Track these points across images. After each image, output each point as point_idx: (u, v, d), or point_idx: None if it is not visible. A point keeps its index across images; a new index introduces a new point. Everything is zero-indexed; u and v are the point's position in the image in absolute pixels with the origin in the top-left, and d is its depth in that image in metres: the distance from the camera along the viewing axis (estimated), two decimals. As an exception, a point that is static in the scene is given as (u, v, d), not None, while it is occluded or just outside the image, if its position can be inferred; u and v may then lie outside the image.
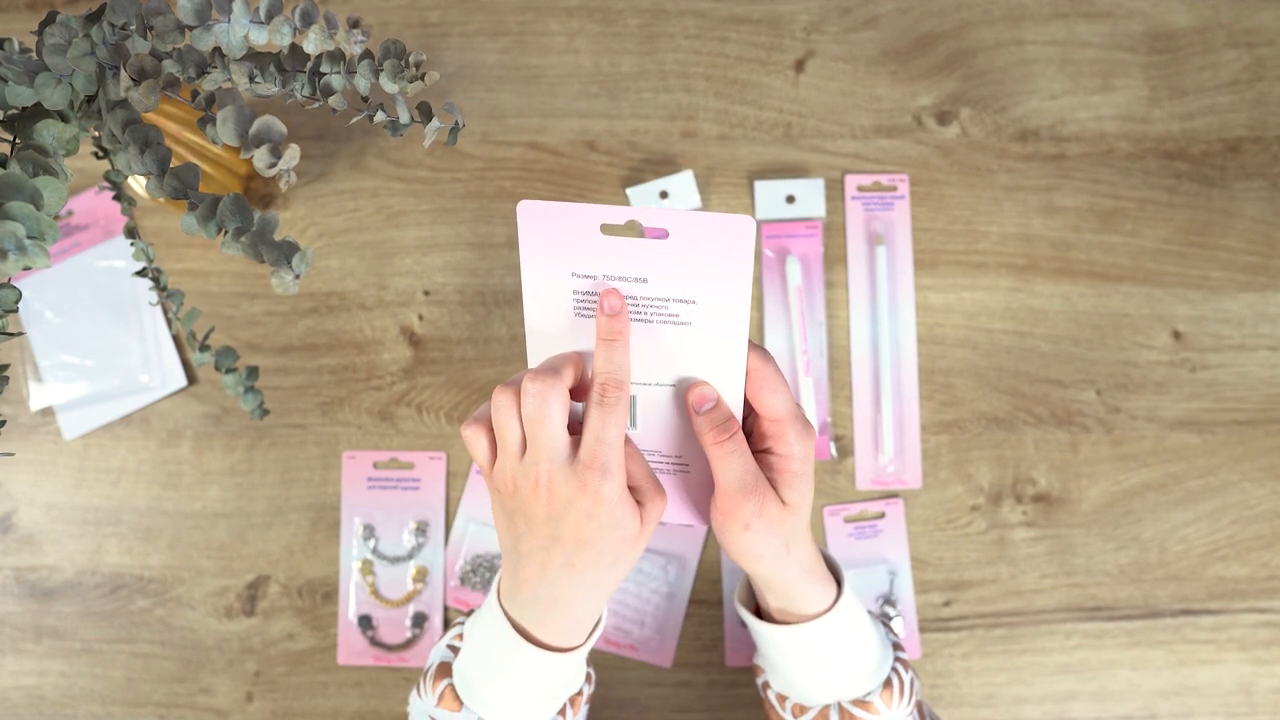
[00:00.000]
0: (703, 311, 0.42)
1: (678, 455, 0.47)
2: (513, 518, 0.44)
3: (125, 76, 0.39)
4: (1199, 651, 0.68)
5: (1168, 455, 0.70)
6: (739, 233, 0.40)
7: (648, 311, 0.42)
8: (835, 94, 0.74)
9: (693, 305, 0.42)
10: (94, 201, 0.73)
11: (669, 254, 0.41)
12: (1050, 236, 0.72)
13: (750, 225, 0.39)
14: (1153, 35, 0.74)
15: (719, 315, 0.42)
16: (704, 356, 0.43)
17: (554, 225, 0.41)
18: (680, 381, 0.44)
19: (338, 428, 0.71)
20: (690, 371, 0.44)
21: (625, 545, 0.43)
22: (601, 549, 0.43)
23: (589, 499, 0.41)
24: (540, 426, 0.41)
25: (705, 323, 0.42)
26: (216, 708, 0.69)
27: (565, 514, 0.42)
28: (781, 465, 0.44)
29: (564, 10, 0.75)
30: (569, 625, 0.46)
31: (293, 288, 0.39)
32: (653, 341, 0.43)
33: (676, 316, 0.42)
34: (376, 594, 0.69)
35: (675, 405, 0.45)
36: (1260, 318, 0.71)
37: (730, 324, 0.42)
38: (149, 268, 0.56)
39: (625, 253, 0.41)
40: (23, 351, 0.71)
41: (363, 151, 0.73)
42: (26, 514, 0.70)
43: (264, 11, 0.41)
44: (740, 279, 0.41)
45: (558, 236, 0.41)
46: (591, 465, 0.41)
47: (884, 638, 0.52)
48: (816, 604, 0.49)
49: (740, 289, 0.41)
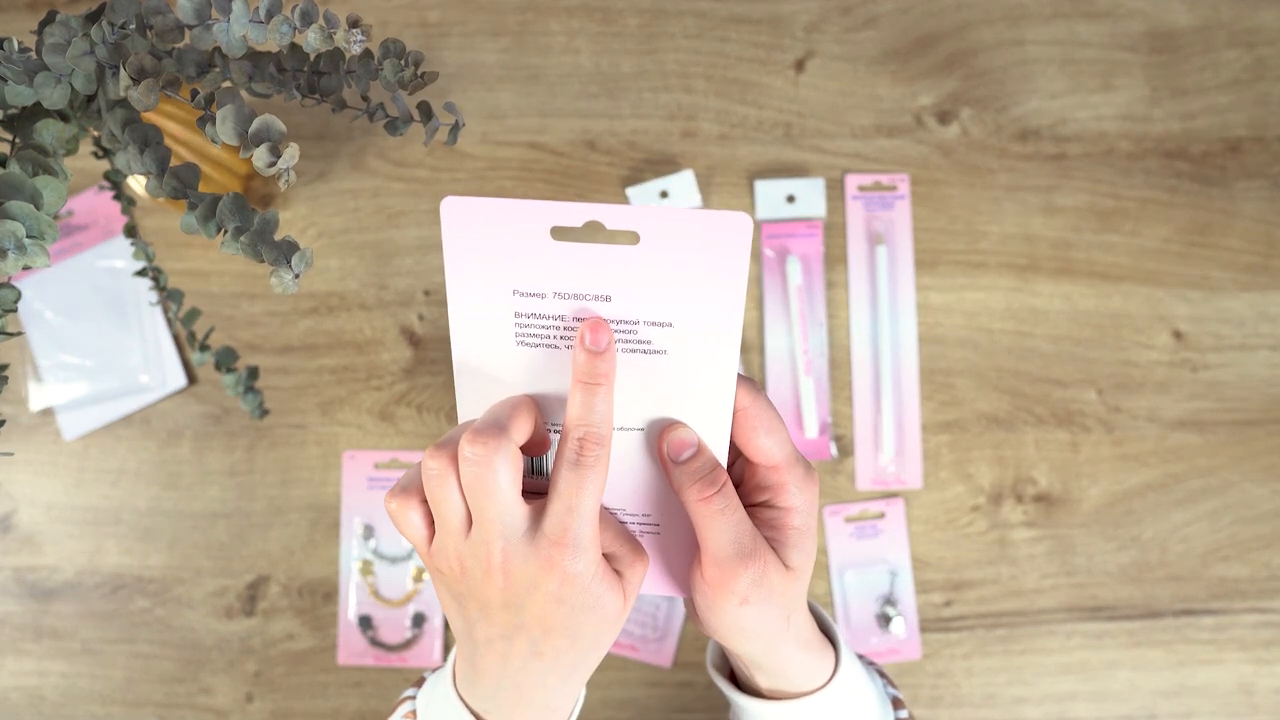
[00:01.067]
0: (682, 337, 0.33)
1: (646, 514, 0.38)
2: (463, 602, 0.36)
3: (125, 76, 0.39)
4: (1199, 651, 0.68)
5: (1168, 455, 0.70)
6: (732, 233, 0.31)
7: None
8: (835, 94, 0.74)
9: (669, 329, 0.33)
10: (94, 201, 0.73)
11: (641, 263, 0.32)
12: (1051, 236, 0.72)
13: (746, 224, 0.31)
14: (1153, 35, 0.74)
15: (704, 341, 0.33)
16: (683, 393, 0.35)
17: (490, 229, 0.32)
18: (653, 424, 0.36)
19: (338, 428, 0.71)
20: (666, 412, 0.35)
21: (605, 625, 0.36)
22: (576, 634, 0.36)
23: (556, 580, 0.34)
24: (487, 499, 0.33)
25: (685, 351, 0.34)
26: (216, 708, 0.69)
27: (528, 598, 0.34)
28: (782, 521, 0.37)
29: (564, 10, 0.75)
30: (544, 715, 0.39)
31: (292, 287, 0.39)
32: (618, 375, 0.34)
33: (649, 344, 0.34)
34: (376, 594, 0.69)
35: (647, 453, 0.36)
36: (1261, 317, 0.71)
37: (718, 352, 0.34)
38: (149, 268, 0.56)
39: (583, 263, 0.32)
40: (23, 351, 0.71)
41: (363, 151, 0.73)
42: (26, 514, 0.70)
43: (263, 11, 0.41)
44: (732, 294, 0.32)
45: (495, 243, 0.32)
46: (560, 541, 0.33)
47: (884, 695, 0.45)
48: (813, 679, 0.41)
49: (732, 306, 0.33)
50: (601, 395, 0.34)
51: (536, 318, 0.34)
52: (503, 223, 0.32)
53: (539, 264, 0.32)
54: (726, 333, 0.33)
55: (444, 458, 0.34)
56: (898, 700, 0.46)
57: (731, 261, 0.32)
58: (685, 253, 0.32)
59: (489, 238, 0.32)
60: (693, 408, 0.35)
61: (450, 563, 0.35)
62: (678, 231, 0.31)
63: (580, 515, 0.33)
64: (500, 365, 0.35)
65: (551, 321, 0.34)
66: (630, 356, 0.34)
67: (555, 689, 0.38)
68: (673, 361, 0.34)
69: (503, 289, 0.33)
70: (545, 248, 0.32)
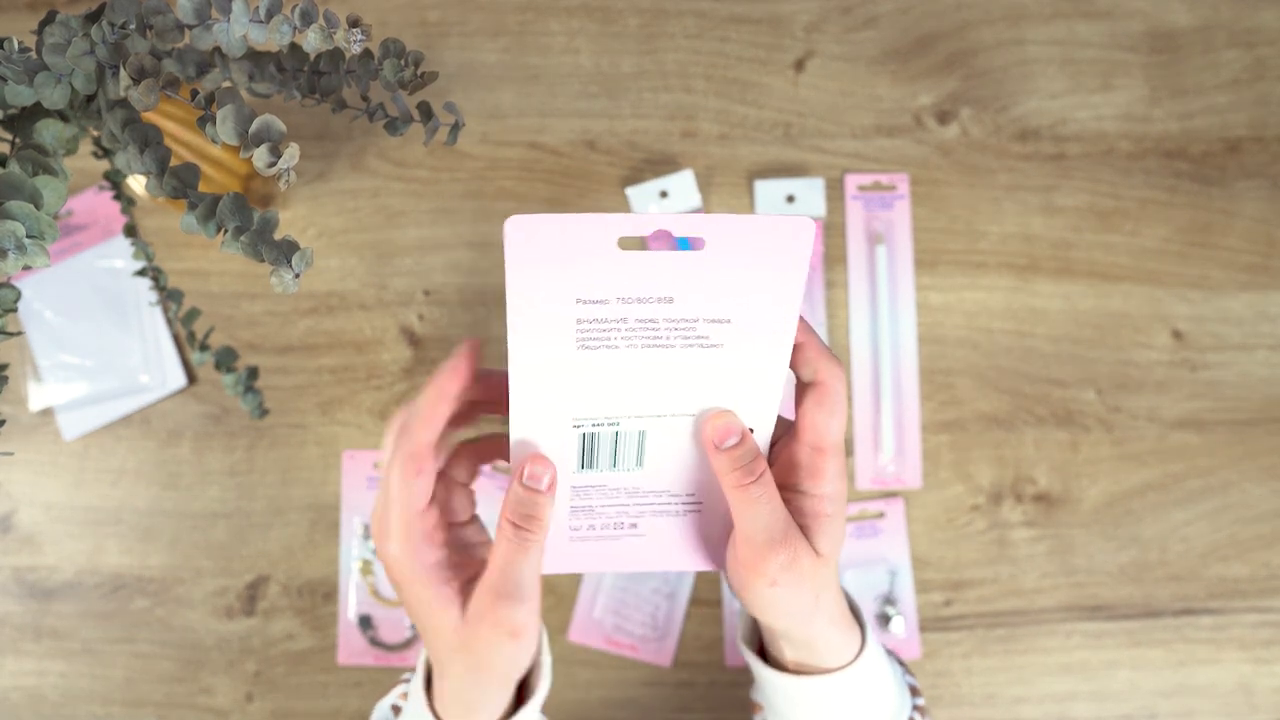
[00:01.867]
0: (739, 332, 0.35)
1: (690, 494, 0.40)
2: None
3: (125, 76, 0.39)
4: (1199, 651, 0.68)
5: (1168, 455, 0.70)
6: (795, 237, 0.32)
7: (671, 335, 0.35)
8: (835, 94, 0.74)
9: (727, 325, 0.35)
10: (94, 201, 0.73)
11: (704, 268, 0.33)
12: (1050, 236, 0.72)
13: (809, 228, 0.32)
14: (1153, 35, 0.74)
15: (759, 336, 0.35)
16: (735, 383, 0.36)
17: (555, 244, 0.32)
18: (703, 412, 0.37)
19: (338, 428, 0.71)
20: (716, 401, 0.37)
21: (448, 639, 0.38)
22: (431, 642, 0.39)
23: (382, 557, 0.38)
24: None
25: (741, 345, 0.35)
26: (216, 708, 0.69)
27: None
28: (815, 508, 0.38)
29: (564, 10, 0.75)
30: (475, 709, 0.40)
31: (292, 287, 0.39)
32: (673, 369, 0.36)
33: (706, 339, 0.35)
34: (376, 594, 0.69)
35: (694, 439, 0.38)
36: (1260, 317, 0.71)
37: (772, 346, 0.35)
38: (149, 267, 0.56)
39: (647, 270, 0.33)
40: (23, 351, 0.71)
41: (363, 151, 0.73)
42: (26, 514, 0.70)
43: (263, 11, 0.41)
44: (791, 293, 0.34)
45: (559, 256, 0.33)
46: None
47: (902, 682, 0.46)
48: (840, 656, 0.42)
49: (790, 304, 0.34)
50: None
51: (598, 322, 0.34)
52: (568, 238, 0.32)
53: (603, 274, 0.33)
54: (782, 329, 0.35)
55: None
56: (914, 688, 0.47)
57: (793, 263, 0.33)
58: (749, 255, 0.33)
59: (553, 253, 0.33)
60: (742, 398, 0.36)
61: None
62: (743, 237, 0.32)
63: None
64: (560, 367, 0.35)
65: (613, 324, 0.34)
66: (687, 351, 0.35)
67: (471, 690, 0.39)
68: (728, 355, 0.35)
69: (566, 299, 0.34)
70: (610, 258, 0.33)
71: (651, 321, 0.34)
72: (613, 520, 0.40)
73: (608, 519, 0.40)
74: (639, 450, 0.38)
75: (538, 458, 0.36)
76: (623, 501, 0.40)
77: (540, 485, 0.36)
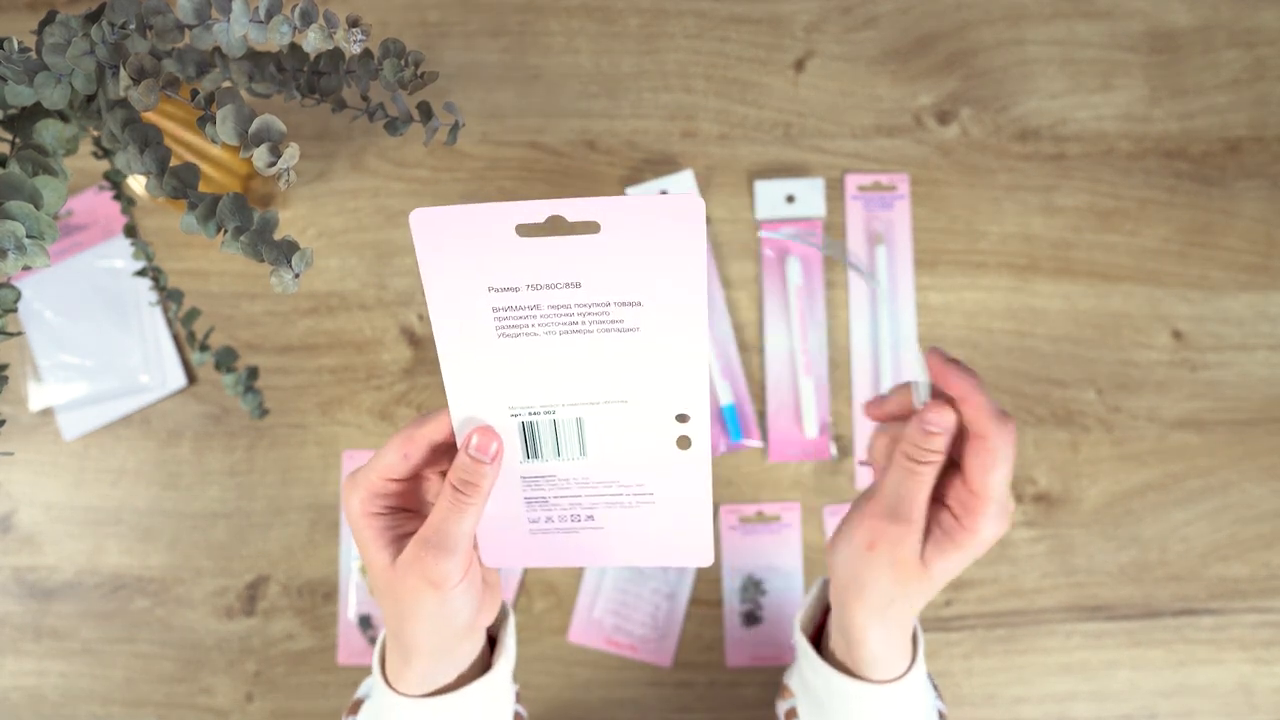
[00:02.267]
0: (651, 315, 0.36)
1: (640, 484, 0.40)
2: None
3: (125, 76, 0.39)
4: (1199, 651, 0.68)
5: (1168, 455, 0.70)
6: (684, 216, 0.33)
7: (586, 320, 0.36)
8: (835, 94, 0.74)
9: (639, 308, 0.36)
10: (94, 201, 0.73)
11: (603, 250, 0.34)
12: (1050, 236, 0.72)
13: (697, 206, 0.33)
14: (1153, 35, 0.74)
15: (672, 318, 0.36)
16: (659, 368, 0.37)
17: (459, 234, 0.34)
18: (635, 397, 0.38)
19: (338, 428, 0.71)
20: (645, 384, 0.37)
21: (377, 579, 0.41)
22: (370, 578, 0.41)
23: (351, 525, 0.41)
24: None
25: (655, 327, 0.36)
26: (216, 708, 0.69)
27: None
28: (951, 529, 0.40)
29: (564, 10, 0.75)
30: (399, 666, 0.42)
31: (292, 287, 0.39)
32: (595, 354, 0.37)
33: (621, 322, 0.36)
34: (376, 594, 0.69)
35: (633, 425, 0.38)
36: (1260, 317, 0.71)
37: (687, 327, 0.36)
38: (149, 268, 0.56)
39: (550, 254, 0.34)
40: (23, 351, 0.71)
41: (363, 151, 0.73)
42: (26, 514, 0.70)
43: (263, 11, 0.41)
44: (693, 272, 0.34)
45: (465, 246, 0.34)
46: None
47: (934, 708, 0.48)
48: (882, 671, 0.44)
49: (694, 284, 0.35)
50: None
51: (513, 310, 0.36)
52: (470, 227, 0.34)
53: (509, 261, 0.34)
54: (693, 309, 0.35)
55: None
56: (942, 714, 0.49)
57: (688, 242, 0.34)
58: (644, 238, 0.34)
59: (459, 242, 0.34)
60: (668, 382, 0.37)
61: None
62: (634, 218, 0.33)
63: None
64: (483, 355, 0.37)
65: (527, 311, 0.36)
66: (605, 336, 0.36)
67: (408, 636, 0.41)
68: (645, 338, 0.36)
69: (479, 287, 0.35)
70: (513, 245, 0.34)
71: (565, 307, 0.36)
72: (568, 512, 0.41)
73: (563, 510, 0.41)
74: (580, 438, 0.39)
75: (486, 430, 0.38)
76: (575, 493, 0.41)
77: (485, 456, 0.38)
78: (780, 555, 0.69)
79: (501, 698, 0.45)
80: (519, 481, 0.40)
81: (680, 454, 0.39)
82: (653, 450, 0.39)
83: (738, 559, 0.69)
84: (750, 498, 0.70)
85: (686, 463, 0.39)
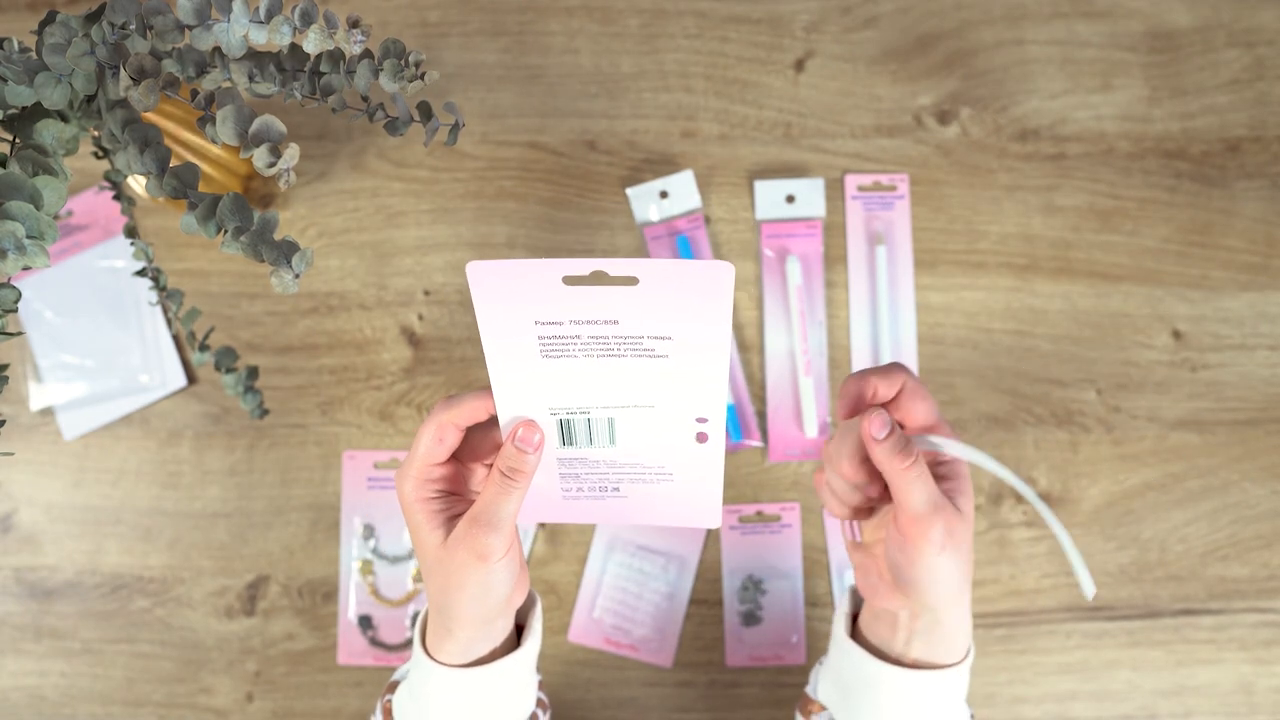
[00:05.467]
0: (679, 345, 0.40)
1: (661, 465, 0.45)
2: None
3: (125, 76, 0.39)
4: (1199, 651, 0.68)
5: (1168, 455, 0.70)
6: (715, 279, 0.37)
7: (621, 348, 0.40)
8: (835, 94, 0.74)
9: (669, 341, 0.40)
10: (94, 201, 0.73)
11: (640, 300, 0.38)
12: (1050, 236, 0.72)
13: (728, 272, 0.37)
14: (1153, 35, 0.74)
15: (698, 349, 0.40)
16: (685, 383, 0.42)
17: (510, 283, 0.38)
18: (661, 404, 0.42)
19: (338, 428, 0.71)
20: (673, 396, 0.42)
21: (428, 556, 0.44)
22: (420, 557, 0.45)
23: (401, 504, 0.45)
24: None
25: (683, 355, 0.40)
26: (216, 708, 0.69)
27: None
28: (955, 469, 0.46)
29: (564, 10, 0.75)
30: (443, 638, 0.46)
31: (293, 287, 0.39)
32: (628, 372, 0.41)
33: (652, 351, 0.40)
34: (376, 594, 0.69)
35: (658, 424, 0.43)
36: (1260, 317, 0.71)
37: (712, 360, 0.41)
38: (149, 268, 0.56)
39: (592, 300, 0.39)
40: (23, 351, 0.71)
41: (363, 151, 0.73)
42: (26, 514, 0.70)
43: (264, 11, 0.41)
44: (719, 324, 0.39)
45: (516, 291, 0.39)
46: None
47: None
48: (962, 646, 0.47)
49: (719, 333, 0.39)
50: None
51: (556, 338, 0.40)
52: (521, 279, 0.38)
53: (555, 304, 0.39)
54: (717, 345, 0.40)
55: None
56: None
57: (716, 300, 0.38)
58: (678, 294, 0.38)
59: (510, 287, 0.38)
60: (692, 393, 0.42)
61: None
62: (670, 278, 0.37)
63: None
64: (528, 374, 0.42)
65: (569, 340, 0.40)
66: (637, 360, 0.41)
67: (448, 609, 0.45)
68: (674, 364, 0.41)
69: (527, 322, 0.40)
70: (559, 293, 0.38)
71: (603, 338, 0.40)
72: (597, 485, 0.46)
73: (593, 484, 0.46)
74: (610, 432, 0.44)
75: (529, 423, 0.43)
76: (603, 471, 0.45)
77: (528, 447, 0.43)
78: (780, 555, 0.69)
79: (528, 676, 0.49)
80: (555, 462, 0.45)
81: (698, 445, 0.44)
82: (674, 443, 0.44)
83: (738, 559, 0.69)
84: (750, 498, 0.70)
85: (703, 451, 0.44)
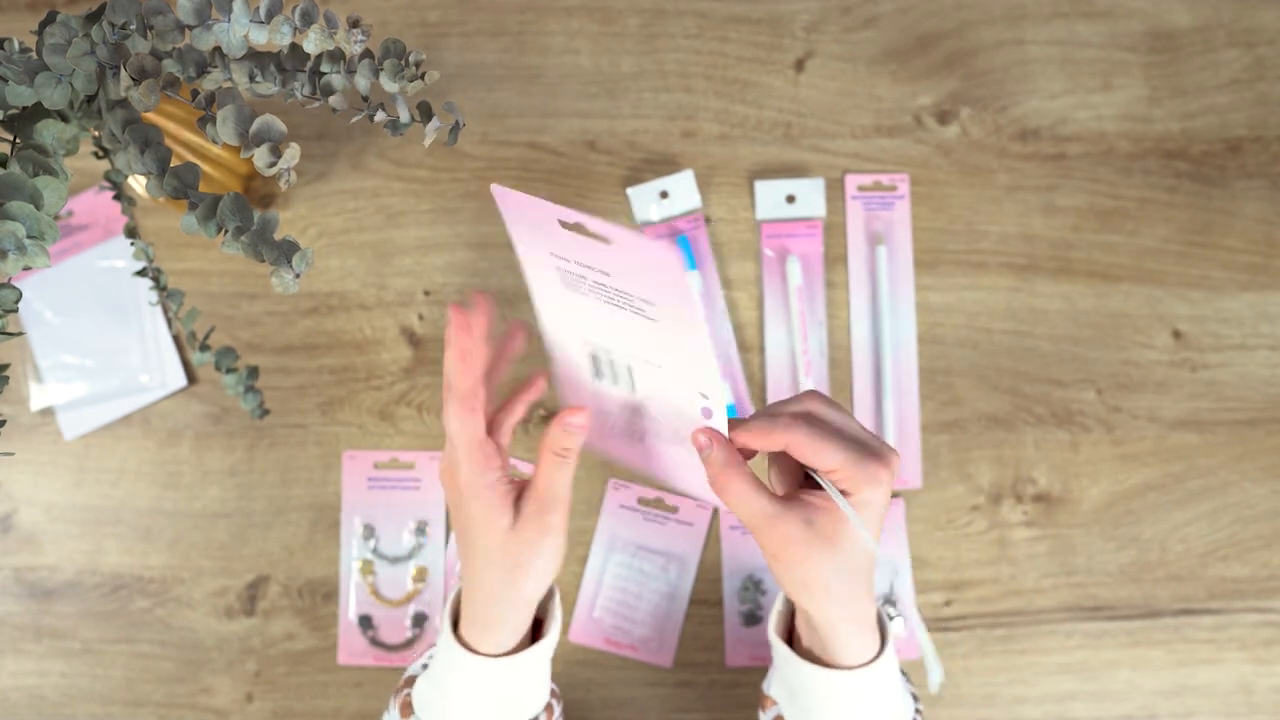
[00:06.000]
0: (663, 313, 0.41)
1: (675, 430, 0.47)
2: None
3: (125, 76, 0.39)
4: (1199, 651, 0.68)
5: (1168, 455, 0.70)
6: (663, 265, 0.38)
7: (619, 299, 0.42)
8: (835, 94, 0.74)
9: (654, 306, 0.41)
10: (94, 201, 0.73)
11: (616, 260, 0.40)
12: (1050, 236, 0.72)
13: (673, 259, 0.37)
14: (1153, 35, 0.74)
15: (678, 323, 0.41)
16: (680, 356, 0.42)
17: (524, 211, 0.41)
18: (667, 367, 0.43)
19: (338, 428, 0.71)
20: (673, 362, 0.43)
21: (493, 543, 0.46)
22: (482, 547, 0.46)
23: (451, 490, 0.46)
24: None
25: (668, 323, 0.41)
26: (216, 708, 0.69)
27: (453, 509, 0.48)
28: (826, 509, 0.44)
29: (564, 10, 0.75)
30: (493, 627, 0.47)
31: (293, 287, 0.39)
32: (632, 325, 0.43)
33: (643, 311, 0.41)
34: (376, 594, 0.69)
35: (669, 385, 0.44)
36: (1261, 317, 0.71)
37: (691, 331, 0.41)
38: (149, 268, 0.56)
39: (583, 249, 0.41)
40: (23, 351, 0.71)
41: (363, 151, 0.73)
42: (26, 514, 0.70)
43: (264, 11, 0.41)
44: (684, 302, 0.39)
45: (530, 221, 0.42)
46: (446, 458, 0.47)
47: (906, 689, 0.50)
48: (855, 655, 0.46)
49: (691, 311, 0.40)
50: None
51: (569, 273, 0.43)
52: (530, 210, 0.41)
53: (559, 241, 0.41)
54: (692, 323, 0.40)
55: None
56: (914, 694, 0.51)
57: (672, 281, 0.39)
58: (641, 267, 0.39)
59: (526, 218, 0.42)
60: (690, 367, 0.43)
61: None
62: (629, 248, 0.38)
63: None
64: (556, 297, 0.45)
65: (578, 277, 0.43)
66: (635, 315, 0.42)
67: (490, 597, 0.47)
68: (664, 330, 0.42)
69: (544, 250, 0.43)
70: (559, 233, 0.41)
71: (603, 286, 0.42)
72: (625, 430, 0.50)
73: (622, 427, 0.50)
74: (630, 379, 0.46)
75: (575, 409, 0.46)
76: (629, 417, 0.48)
77: (575, 429, 0.46)
78: (780, 555, 0.69)
79: (545, 667, 0.50)
80: (590, 396, 0.49)
81: (705, 421, 0.45)
82: (684, 410, 0.45)
83: (738, 559, 0.69)
84: (750, 498, 0.70)
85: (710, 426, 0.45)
